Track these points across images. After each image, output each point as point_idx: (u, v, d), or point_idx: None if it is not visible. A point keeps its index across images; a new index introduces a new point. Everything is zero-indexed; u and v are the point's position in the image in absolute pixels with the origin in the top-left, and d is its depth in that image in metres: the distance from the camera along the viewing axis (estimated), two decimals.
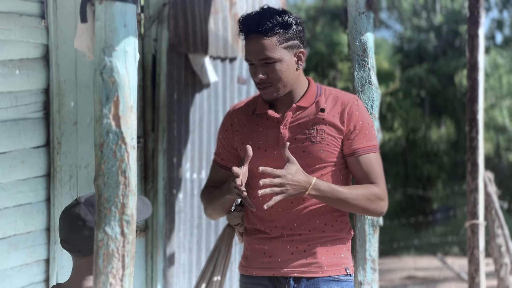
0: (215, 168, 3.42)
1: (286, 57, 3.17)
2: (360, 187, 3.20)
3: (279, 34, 3.13)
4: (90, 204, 2.59)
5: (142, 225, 4.99)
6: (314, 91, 3.27)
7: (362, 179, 3.23)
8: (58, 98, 4.19)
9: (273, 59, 3.13)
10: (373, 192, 3.19)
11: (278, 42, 3.14)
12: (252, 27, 3.14)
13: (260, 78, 3.15)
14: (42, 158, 4.14)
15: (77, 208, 2.60)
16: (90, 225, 2.56)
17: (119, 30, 2.35)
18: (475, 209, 5.14)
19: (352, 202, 3.16)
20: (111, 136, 2.32)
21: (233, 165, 3.33)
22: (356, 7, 3.73)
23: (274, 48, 3.13)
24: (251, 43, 3.16)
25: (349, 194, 3.14)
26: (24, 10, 4.00)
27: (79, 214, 2.58)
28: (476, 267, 5.15)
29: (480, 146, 5.11)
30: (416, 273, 11.31)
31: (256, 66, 3.17)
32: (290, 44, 3.17)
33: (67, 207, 2.65)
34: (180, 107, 5.17)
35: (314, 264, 3.21)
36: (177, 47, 5.08)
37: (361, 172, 3.22)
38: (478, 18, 5.07)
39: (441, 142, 18.44)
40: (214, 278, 3.36)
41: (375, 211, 3.24)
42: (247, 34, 3.17)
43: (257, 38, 3.13)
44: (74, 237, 2.58)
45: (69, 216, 2.60)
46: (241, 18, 3.21)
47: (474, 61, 5.10)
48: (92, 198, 2.62)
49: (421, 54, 21.14)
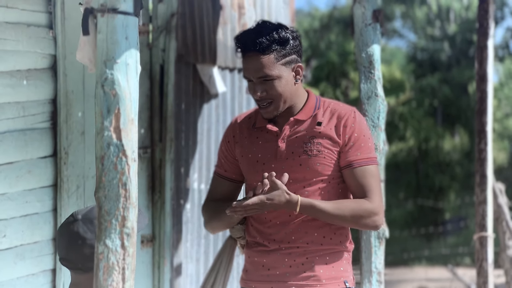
0: (218, 180, 3.40)
1: (285, 73, 3.15)
2: (350, 202, 3.16)
3: (276, 51, 3.12)
4: (88, 221, 2.58)
5: (149, 235, 4.99)
6: (313, 104, 3.26)
7: (356, 192, 3.20)
8: (65, 108, 4.20)
9: (271, 77, 3.12)
10: (363, 207, 3.15)
11: (275, 59, 3.12)
12: (249, 45, 3.11)
13: (259, 96, 3.15)
14: (49, 168, 4.14)
15: (75, 225, 2.59)
16: (91, 243, 2.56)
17: (121, 43, 2.35)
18: (483, 221, 5.12)
19: (340, 218, 3.14)
20: (112, 149, 2.33)
21: (236, 176, 3.35)
22: (362, 19, 3.73)
23: (272, 66, 3.12)
24: (249, 60, 3.14)
25: (335, 210, 3.12)
26: (32, 20, 4.01)
27: (78, 232, 2.57)
28: (485, 280, 5.12)
29: (489, 158, 5.08)
30: (427, 284, 11.26)
31: (254, 84, 3.16)
32: (287, 60, 3.16)
33: (64, 224, 2.64)
34: (188, 117, 5.18)
35: (312, 277, 3.19)
36: (185, 57, 5.09)
37: (355, 185, 3.18)
38: (488, 29, 5.05)
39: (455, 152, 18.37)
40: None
41: (367, 226, 3.21)
42: (244, 51, 3.15)
43: (255, 56, 3.12)
44: (74, 255, 2.57)
45: (68, 234, 2.59)
46: (238, 35, 3.19)
47: (483, 73, 5.08)
48: (90, 213, 2.61)
49: (434, 63, 21.10)
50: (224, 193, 3.36)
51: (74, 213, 2.63)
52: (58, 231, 2.64)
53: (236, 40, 3.18)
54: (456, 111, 19.27)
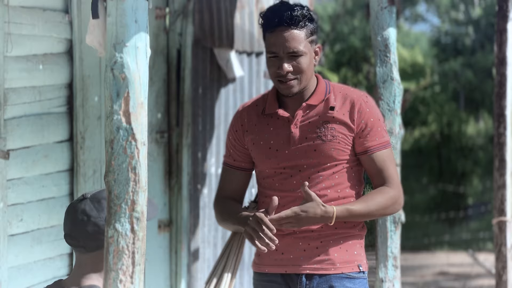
0: (228, 171, 3.36)
1: (310, 51, 3.16)
2: (375, 194, 3.17)
3: (306, 27, 3.13)
4: (96, 200, 2.59)
5: (166, 220, 5.00)
6: (323, 89, 3.24)
7: (375, 176, 3.21)
8: (81, 93, 4.21)
9: (301, 52, 3.11)
10: (389, 196, 3.18)
11: (305, 35, 3.13)
12: (283, 19, 3.10)
13: (288, 71, 3.11)
14: (65, 153, 4.16)
15: (82, 203, 2.60)
16: (95, 221, 2.56)
17: (130, 26, 2.34)
18: (502, 206, 5.07)
19: (371, 215, 3.18)
20: (121, 133, 2.32)
21: (245, 165, 3.33)
22: (378, 2, 3.69)
23: (302, 41, 3.12)
24: (279, 35, 3.11)
25: (366, 208, 3.14)
26: (48, 4, 4.02)
27: (84, 209, 2.58)
28: (504, 265, 5.07)
29: (508, 142, 5.03)
30: (449, 269, 11.21)
31: (281, 59, 3.12)
32: (313, 39, 3.17)
33: (73, 202, 2.65)
34: (205, 101, 5.17)
35: (327, 261, 3.18)
36: (202, 41, 5.07)
37: (374, 170, 3.20)
38: (507, 12, 4.99)
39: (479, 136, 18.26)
40: (225, 274, 3.35)
41: (392, 212, 3.27)
42: (276, 26, 3.12)
43: (287, 31, 3.10)
44: (78, 232, 2.58)
45: (74, 210, 2.60)
46: (267, 11, 3.18)
47: (503, 56, 5.03)
48: (99, 194, 2.61)
49: (458, 47, 20.93)
50: (235, 183, 3.34)
51: (85, 193, 2.64)
52: (67, 209, 2.65)
53: (265, 16, 3.16)
54: (480, 96, 19.12)
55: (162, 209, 4.98)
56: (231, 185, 3.35)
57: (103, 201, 2.57)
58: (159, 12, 4.87)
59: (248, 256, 5.45)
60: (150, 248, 4.81)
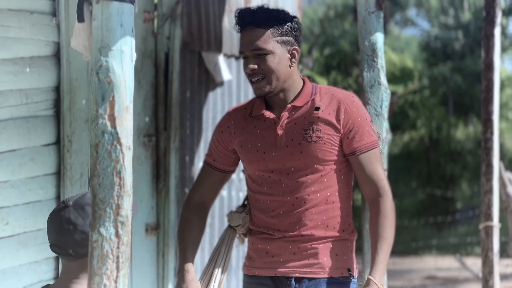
0: (206, 170, 3.42)
1: (279, 51, 3.18)
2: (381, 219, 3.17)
3: (273, 28, 3.17)
4: (79, 207, 2.58)
5: (153, 224, 4.99)
6: (309, 91, 3.26)
7: (364, 182, 3.21)
8: (69, 96, 4.20)
9: (264, 50, 3.15)
10: (387, 209, 3.19)
11: (271, 34, 3.17)
12: (247, 18, 3.18)
13: (251, 68, 3.17)
14: (52, 156, 4.14)
15: (66, 212, 2.58)
16: (82, 229, 2.55)
17: (116, 30, 2.34)
18: (489, 210, 5.09)
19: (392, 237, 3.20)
20: (106, 137, 2.32)
21: (223, 167, 3.38)
22: (366, 7, 3.69)
23: (267, 40, 3.16)
24: (245, 34, 3.19)
25: (389, 240, 3.16)
26: (35, 7, 4.00)
27: (69, 217, 2.57)
28: (490, 270, 5.09)
29: (495, 147, 5.05)
30: (437, 273, 11.23)
31: (248, 58, 3.19)
32: (283, 39, 3.19)
33: (55, 210, 2.64)
34: (193, 105, 5.16)
35: (316, 265, 3.19)
36: (190, 45, 5.07)
37: (363, 171, 3.20)
38: (494, 18, 5.02)
39: (468, 141, 18.28)
40: (213, 279, 3.35)
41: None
42: (243, 26, 3.21)
43: (251, 30, 3.17)
44: (65, 241, 2.57)
45: (58, 220, 2.59)
46: (237, 11, 3.25)
47: (490, 61, 5.05)
48: (81, 200, 2.60)
49: (447, 52, 20.97)
50: (210, 185, 3.40)
51: (65, 199, 2.63)
52: (49, 218, 2.64)
53: (235, 16, 3.24)
54: (469, 100, 19.15)
55: (150, 213, 4.97)
56: (204, 187, 3.40)
57: (87, 207, 2.56)
58: (147, 16, 4.86)
59: (236, 260, 5.45)
60: (137, 252, 4.82)
